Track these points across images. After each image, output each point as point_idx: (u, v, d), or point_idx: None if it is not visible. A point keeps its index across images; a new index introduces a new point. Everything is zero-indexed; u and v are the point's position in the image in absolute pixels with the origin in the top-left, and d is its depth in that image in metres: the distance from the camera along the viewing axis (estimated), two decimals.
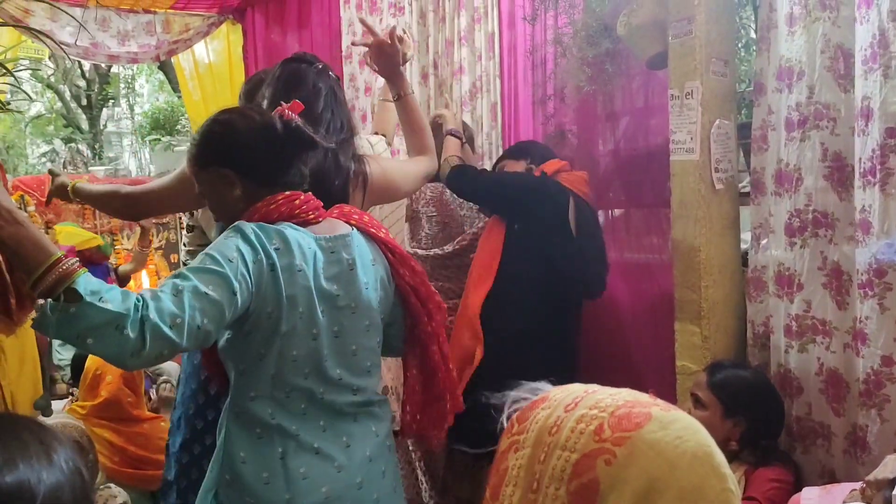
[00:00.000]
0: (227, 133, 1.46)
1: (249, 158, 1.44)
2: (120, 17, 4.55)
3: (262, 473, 1.38)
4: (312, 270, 1.41)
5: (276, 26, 4.70)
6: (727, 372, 1.97)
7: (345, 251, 1.48)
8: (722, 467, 0.68)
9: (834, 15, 1.88)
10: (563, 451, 0.68)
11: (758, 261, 2.13)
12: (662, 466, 0.65)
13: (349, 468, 1.46)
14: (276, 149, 1.45)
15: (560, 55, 2.75)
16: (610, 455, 0.66)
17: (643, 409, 0.68)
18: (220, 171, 1.45)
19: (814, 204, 1.95)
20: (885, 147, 1.73)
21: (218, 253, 1.31)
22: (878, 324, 1.77)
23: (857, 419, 1.85)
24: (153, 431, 2.71)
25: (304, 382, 1.42)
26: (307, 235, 1.43)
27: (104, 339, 1.17)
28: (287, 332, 1.38)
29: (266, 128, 1.44)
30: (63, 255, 1.20)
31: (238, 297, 1.29)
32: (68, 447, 0.83)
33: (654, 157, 2.51)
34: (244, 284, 1.31)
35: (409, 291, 1.58)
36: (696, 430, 0.69)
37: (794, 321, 2.01)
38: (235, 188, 1.44)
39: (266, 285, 1.35)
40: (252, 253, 1.34)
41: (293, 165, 1.48)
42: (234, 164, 1.44)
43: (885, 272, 1.76)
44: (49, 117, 13.87)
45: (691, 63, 2.07)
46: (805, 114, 1.95)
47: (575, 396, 0.73)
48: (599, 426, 0.68)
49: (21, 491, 0.75)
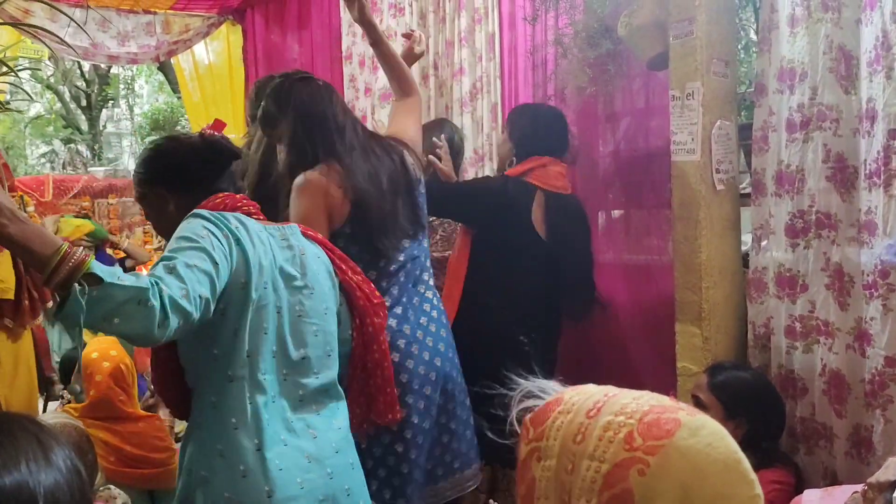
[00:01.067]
0: (157, 157, 1.60)
1: (179, 175, 1.57)
2: (120, 18, 4.55)
3: (240, 467, 1.38)
4: (270, 249, 1.48)
5: (276, 27, 4.69)
6: (728, 373, 1.96)
7: (293, 239, 1.56)
8: (749, 473, 0.67)
9: (836, 16, 1.88)
10: (591, 461, 0.66)
11: (758, 262, 2.13)
12: (694, 475, 0.64)
13: (319, 460, 1.46)
14: (202, 164, 1.57)
15: (560, 56, 2.75)
16: (643, 465, 0.64)
17: (672, 416, 0.67)
18: (155, 191, 1.58)
19: (816, 205, 1.95)
20: (890, 149, 1.73)
21: (189, 233, 1.37)
22: (883, 324, 1.77)
23: (861, 420, 1.85)
24: (149, 430, 2.69)
25: (273, 361, 1.45)
26: (255, 222, 1.52)
27: (131, 316, 1.20)
28: (257, 301, 1.42)
29: (191, 147, 1.58)
30: (68, 245, 1.21)
31: (220, 266, 1.35)
32: (66, 446, 0.83)
33: (655, 158, 2.51)
34: (222, 254, 1.37)
35: (354, 287, 1.64)
36: (724, 436, 0.68)
37: (797, 322, 2.01)
38: (170, 204, 1.56)
39: (236, 258, 1.41)
40: (217, 230, 1.40)
41: (221, 176, 1.59)
42: (166, 183, 1.57)
43: (889, 273, 1.76)
44: (48, 118, 13.88)
45: (692, 64, 2.07)
46: (807, 115, 1.94)
47: (595, 401, 0.71)
48: (629, 434, 0.66)
49: (20, 492, 0.74)
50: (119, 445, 2.64)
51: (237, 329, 1.41)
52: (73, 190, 5.72)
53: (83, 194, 5.79)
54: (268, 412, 1.42)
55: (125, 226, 5.74)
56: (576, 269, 2.44)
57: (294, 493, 1.40)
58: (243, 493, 1.37)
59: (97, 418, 2.63)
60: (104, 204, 5.87)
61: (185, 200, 1.53)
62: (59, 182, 5.38)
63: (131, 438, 2.67)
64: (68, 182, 5.90)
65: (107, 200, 5.89)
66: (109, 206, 5.86)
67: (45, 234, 1.23)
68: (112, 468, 2.58)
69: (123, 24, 4.58)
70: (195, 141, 1.59)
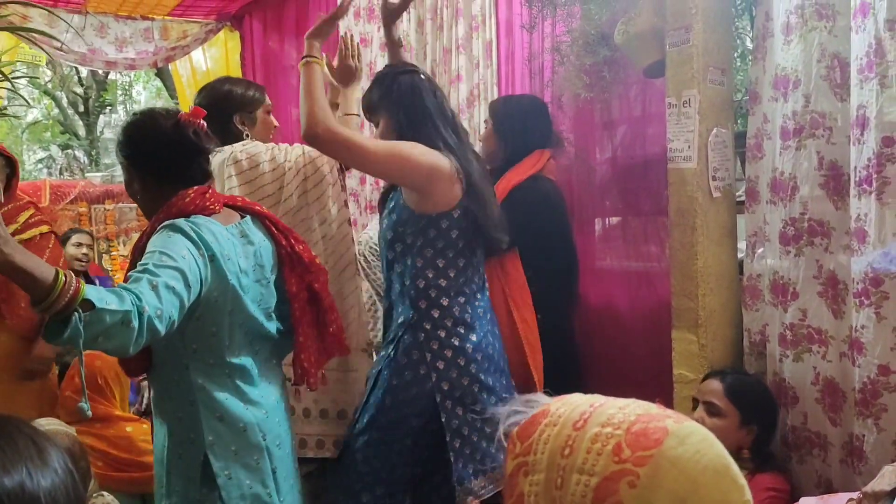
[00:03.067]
0: (130, 138, 1.68)
1: (147, 161, 1.67)
2: (118, 24, 4.56)
3: (239, 424, 1.66)
4: (235, 255, 1.64)
5: (273, 33, 4.70)
6: (740, 379, 1.97)
7: (251, 235, 1.73)
8: (739, 478, 0.66)
9: (830, 24, 1.89)
10: (580, 475, 0.65)
11: (753, 269, 2.13)
12: (687, 484, 0.63)
13: (283, 412, 1.81)
14: (168, 153, 1.65)
15: (558, 63, 2.76)
16: (633, 476, 0.63)
17: (659, 424, 0.66)
18: (127, 167, 1.70)
19: (809, 212, 1.95)
20: (882, 156, 1.73)
21: (172, 251, 1.48)
22: (875, 333, 1.76)
23: (854, 429, 1.85)
24: (136, 434, 2.70)
25: (245, 345, 1.71)
26: (222, 226, 1.65)
27: (114, 335, 1.30)
28: (231, 305, 1.63)
29: (162, 135, 1.65)
30: (63, 272, 1.25)
31: (192, 290, 1.48)
32: (59, 448, 0.83)
33: (652, 166, 2.52)
34: (196, 277, 1.50)
35: (299, 256, 1.81)
36: (711, 441, 0.67)
37: (788, 330, 2.01)
38: (134, 182, 1.69)
39: (209, 274, 1.55)
40: (195, 248, 1.53)
41: (192, 165, 1.67)
42: (135, 164, 1.68)
43: (881, 281, 1.75)
44: (46, 123, 13.86)
45: (688, 72, 2.07)
46: (801, 122, 1.95)
47: (582, 412, 0.70)
48: (617, 445, 0.65)
49: (23, 494, 0.75)
50: (106, 450, 2.64)
51: (215, 330, 1.63)
52: (69, 195, 5.71)
53: (80, 200, 5.79)
54: (247, 382, 1.70)
55: (122, 231, 5.73)
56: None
57: (277, 431, 1.75)
58: (245, 442, 1.67)
59: (80, 422, 2.65)
60: (101, 209, 5.87)
61: (151, 183, 1.67)
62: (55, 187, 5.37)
63: (119, 443, 2.68)
64: (65, 188, 5.89)
65: (103, 206, 5.89)
66: (106, 211, 5.85)
67: (41, 261, 1.28)
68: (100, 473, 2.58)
69: (121, 30, 4.59)
70: (167, 128, 1.65)
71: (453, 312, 2.00)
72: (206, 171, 1.71)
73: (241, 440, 1.67)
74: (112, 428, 2.70)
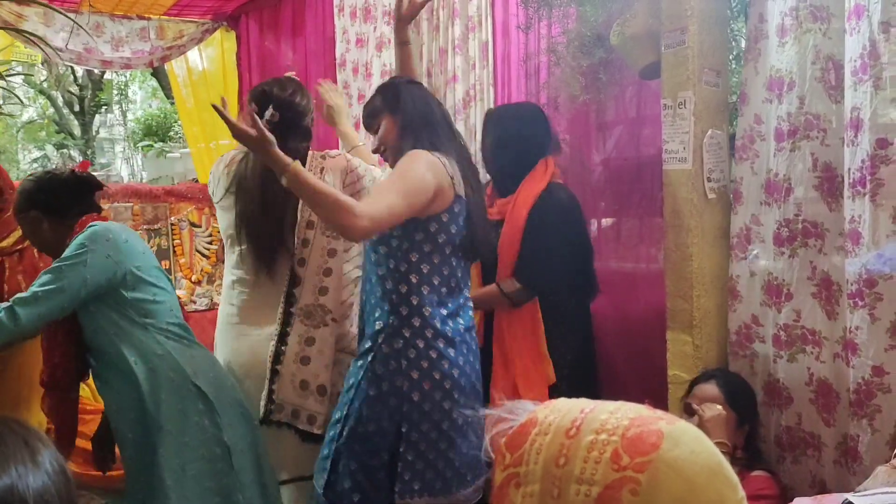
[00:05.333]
0: (33, 187, 2.07)
1: (50, 201, 2.06)
2: (113, 23, 4.55)
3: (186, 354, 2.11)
4: (135, 242, 2.10)
5: (270, 34, 4.69)
6: (733, 381, 1.99)
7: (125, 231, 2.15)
8: (732, 476, 0.67)
9: (825, 26, 1.89)
10: (580, 485, 0.64)
11: (733, 270, 2.14)
12: (685, 486, 0.63)
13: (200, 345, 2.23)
14: (71, 195, 2.08)
15: (554, 64, 2.76)
16: (634, 484, 0.62)
17: (653, 427, 0.66)
18: (30, 214, 2.07)
19: (803, 214, 1.96)
20: (876, 158, 1.74)
21: (65, 266, 1.91)
22: (869, 334, 1.77)
23: (848, 429, 1.85)
24: None
25: (167, 313, 2.13)
26: (120, 229, 2.09)
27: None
28: (147, 283, 2.08)
29: (61, 180, 2.08)
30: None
31: (75, 298, 1.91)
32: (51, 447, 0.83)
33: (647, 167, 2.52)
34: (84, 285, 1.91)
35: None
36: (703, 440, 0.67)
37: (782, 331, 2.01)
38: (43, 223, 2.07)
39: (111, 264, 1.97)
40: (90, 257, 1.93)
41: (84, 202, 2.11)
42: (40, 207, 2.06)
43: (875, 282, 1.76)
44: (41, 123, 13.83)
45: (684, 73, 2.08)
46: (795, 124, 1.96)
47: (573, 419, 0.69)
48: (615, 453, 0.64)
49: (11, 496, 0.74)
50: (85, 446, 2.62)
51: (145, 299, 2.06)
52: None
53: None
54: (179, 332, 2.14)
55: None
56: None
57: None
58: (187, 364, 2.07)
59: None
60: None
61: (55, 220, 2.06)
62: None
63: None
64: None
65: None
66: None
67: None
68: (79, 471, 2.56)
69: (117, 30, 4.57)
70: (67, 177, 2.09)
71: (434, 324, 1.95)
72: (96, 206, 2.17)
73: (186, 362, 2.10)
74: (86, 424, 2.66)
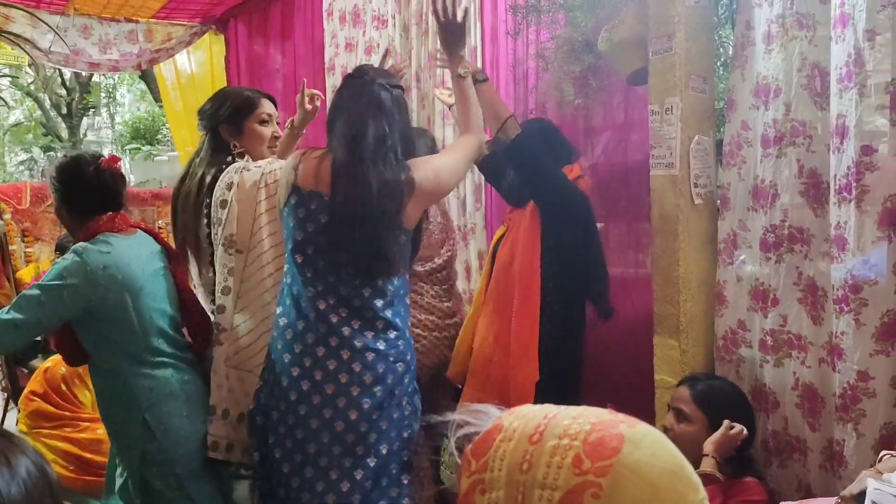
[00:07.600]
0: (56, 173, 2.12)
1: (70, 194, 2.12)
2: (101, 25, 4.52)
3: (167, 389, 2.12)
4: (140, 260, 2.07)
5: (258, 37, 4.69)
6: (709, 384, 1.97)
7: (146, 245, 2.16)
8: (693, 477, 0.67)
9: (811, 34, 1.91)
10: (542, 490, 0.65)
11: (720, 275, 2.15)
12: (647, 489, 0.63)
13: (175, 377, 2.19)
14: (89, 188, 2.10)
15: (542, 70, 2.77)
16: (596, 488, 0.63)
17: (614, 431, 0.66)
18: (56, 198, 2.15)
19: (789, 220, 1.97)
20: (861, 164, 1.75)
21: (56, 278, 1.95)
22: (854, 339, 1.78)
23: (834, 434, 1.86)
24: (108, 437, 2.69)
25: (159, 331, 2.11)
26: (123, 240, 2.08)
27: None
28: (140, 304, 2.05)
29: (82, 176, 2.09)
30: None
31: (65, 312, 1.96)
32: (30, 454, 0.81)
33: (634, 172, 2.53)
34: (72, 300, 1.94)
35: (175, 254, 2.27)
36: (664, 443, 0.68)
37: (769, 336, 2.02)
38: (62, 208, 2.15)
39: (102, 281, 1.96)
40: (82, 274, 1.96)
41: (107, 198, 2.12)
42: (61, 196, 2.13)
43: (860, 288, 1.77)
44: (28, 125, 13.72)
45: (671, 79, 2.09)
46: (781, 130, 1.97)
47: (536, 424, 0.70)
48: (576, 457, 0.65)
49: None
50: (79, 454, 2.62)
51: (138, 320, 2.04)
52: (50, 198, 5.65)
53: None
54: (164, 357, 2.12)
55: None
56: None
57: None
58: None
59: (45, 427, 2.66)
60: None
61: (73, 213, 2.13)
62: (36, 190, 5.29)
63: (90, 446, 2.66)
64: (46, 190, 5.80)
65: None
66: None
67: None
68: (73, 476, 2.56)
69: (105, 32, 4.56)
70: (89, 174, 2.09)
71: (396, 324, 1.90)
72: (119, 202, 2.15)
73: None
74: (83, 431, 2.68)
